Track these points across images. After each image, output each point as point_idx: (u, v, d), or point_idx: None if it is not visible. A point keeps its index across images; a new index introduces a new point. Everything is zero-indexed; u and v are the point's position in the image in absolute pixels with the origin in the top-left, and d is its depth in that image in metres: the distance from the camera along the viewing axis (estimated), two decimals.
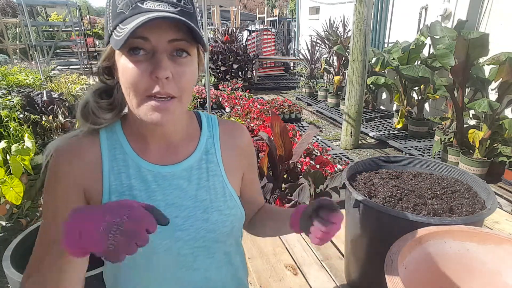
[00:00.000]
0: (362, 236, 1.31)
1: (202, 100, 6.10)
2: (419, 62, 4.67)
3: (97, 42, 14.51)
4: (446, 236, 0.96)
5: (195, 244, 0.67)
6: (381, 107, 6.27)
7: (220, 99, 6.23)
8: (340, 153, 4.25)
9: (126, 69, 0.55)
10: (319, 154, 3.34)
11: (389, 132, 5.08)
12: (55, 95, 4.74)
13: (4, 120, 3.46)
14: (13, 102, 3.99)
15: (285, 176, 2.77)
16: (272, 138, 2.51)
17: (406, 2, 5.42)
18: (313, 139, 4.56)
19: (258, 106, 5.46)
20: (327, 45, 7.26)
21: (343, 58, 6.61)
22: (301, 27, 9.90)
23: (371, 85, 5.35)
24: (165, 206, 0.65)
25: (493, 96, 3.69)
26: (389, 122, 5.54)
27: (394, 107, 5.82)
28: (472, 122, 4.02)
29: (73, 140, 0.64)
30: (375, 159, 1.57)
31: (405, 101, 4.98)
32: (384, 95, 6.15)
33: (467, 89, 3.81)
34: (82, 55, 9.68)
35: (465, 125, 3.74)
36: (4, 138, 3.26)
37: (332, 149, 4.42)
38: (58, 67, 9.86)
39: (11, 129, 3.35)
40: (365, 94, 5.18)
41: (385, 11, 5.87)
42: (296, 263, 1.65)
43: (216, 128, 0.74)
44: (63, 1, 9.13)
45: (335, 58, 6.91)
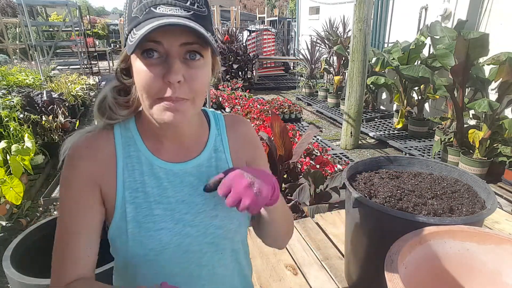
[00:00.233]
0: (362, 236, 1.31)
1: None
2: (419, 62, 4.66)
3: (97, 42, 14.52)
4: (446, 236, 0.96)
5: (204, 240, 0.69)
6: (381, 107, 6.26)
7: (220, 99, 6.23)
8: (340, 153, 4.25)
9: (140, 72, 0.56)
10: (319, 154, 3.34)
11: (389, 132, 5.07)
12: (55, 95, 4.74)
13: (4, 120, 3.46)
14: (13, 102, 3.99)
15: (285, 176, 2.77)
16: (272, 138, 2.51)
17: (406, 2, 5.41)
18: (313, 139, 4.56)
19: (258, 106, 5.45)
20: (327, 45, 7.26)
21: (343, 58, 6.60)
22: (301, 27, 9.89)
23: (371, 85, 5.35)
24: (176, 202, 0.67)
25: (493, 96, 3.69)
26: (389, 122, 5.54)
27: (394, 107, 5.81)
28: (472, 122, 4.02)
29: (89, 136, 0.66)
30: (375, 159, 1.57)
31: (405, 101, 4.98)
32: (384, 95, 6.15)
33: (467, 89, 3.81)
34: (82, 55, 9.69)
35: (465, 125, 3.74)
36: (4, 138, 3.26)
37: (332, 149, 4.41)
38: (58, 67, 9.87)
39: (11, 129, 3.35)
40: (365, 94, 5.18)
41: (385, 11, 5.86)
42: (296, 263, 1.65)
43: (223, 125, 0.76)
44: (63, 1, 9.14)
45: (335, 58, 6.91)
